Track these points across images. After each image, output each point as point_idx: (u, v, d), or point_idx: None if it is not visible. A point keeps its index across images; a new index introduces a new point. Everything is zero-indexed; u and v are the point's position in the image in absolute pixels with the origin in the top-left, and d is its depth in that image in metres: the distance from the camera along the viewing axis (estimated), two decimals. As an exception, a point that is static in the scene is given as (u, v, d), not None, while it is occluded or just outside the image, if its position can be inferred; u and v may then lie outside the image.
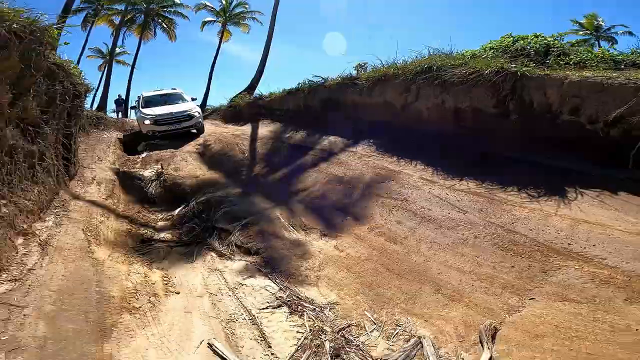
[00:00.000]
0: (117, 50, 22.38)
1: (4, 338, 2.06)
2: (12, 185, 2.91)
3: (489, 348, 2.24)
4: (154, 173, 6.76)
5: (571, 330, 2.25)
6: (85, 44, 21.05)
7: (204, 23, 21.28)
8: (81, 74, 6.15)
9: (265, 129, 9.34)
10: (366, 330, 2.62)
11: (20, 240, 2.79)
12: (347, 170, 5.92)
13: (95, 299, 2.72)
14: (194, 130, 9.78)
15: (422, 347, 2.38)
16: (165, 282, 3.31)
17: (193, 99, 10.66)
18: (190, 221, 5.00)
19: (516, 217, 3.65)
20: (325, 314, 2.79)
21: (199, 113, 9.93)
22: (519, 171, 4.52)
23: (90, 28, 20.48)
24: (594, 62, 5.25)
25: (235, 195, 5.77)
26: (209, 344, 2.41)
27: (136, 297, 2.94)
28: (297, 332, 2.53)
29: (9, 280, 2.48)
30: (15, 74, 3.25)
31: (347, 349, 2.32)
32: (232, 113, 11.73)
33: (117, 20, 20.42)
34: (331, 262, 3.65)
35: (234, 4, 20.44)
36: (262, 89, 12.19)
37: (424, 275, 3.17)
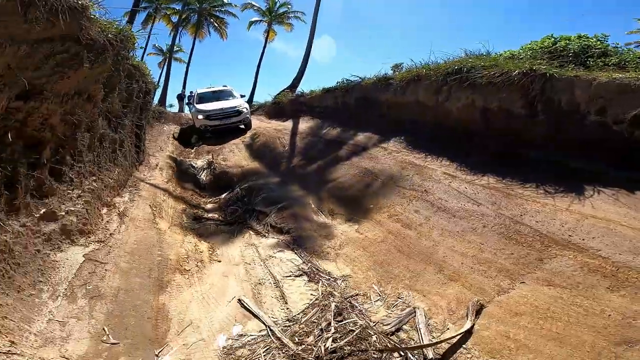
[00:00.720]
0: (175, 48, 24.27)
1: (89, 287, 2.77)
2: (100, 165, 3.73)
3: (471, 320, 2.57)
4: (205, 162, 7.63)
5: (548, 311, 2.50)
6: (147, 42, 23.15)
7: (251, 23, 22.46)
8: (150, 73, 7.11)
9: (305, 125, 9.90)
10: (371, 300, 3.05)
11: (104, 210, 3.60)
12: (375, 164, 6.28)
13: (157, 260, 3.43)
14: (242, 126, 10.48)
15: (415, 315, 2.76)
16: (210, 252, 3.99)
17: (242, 96, 11.48)
18: (234, 204, 5.71)
19: (526, 210, 3.83)
20: (337, 284, 3.26)
21: (247, 109, 10.58)
22: (541, 169, 4.61)
23: (152, 27, 22.44)
24: (633, 64, 5.11)
25: (274, 183, 6.41)
26: (239, 299, 2.99)
27: (187, 261, 3.63)
28: (311, 295, 3.03)
29: (96, 242, 3.25)
30: (107, 75, 4.03)
31: (350, 311, 2.77)
32: (276, 109, 12.48)
33: (174, 19, 22.19)
34: (351, 242, 4.10)
35: (278, 4, 21.26)
36: (304, 87, 12.82)
37: (430, 257, 3.51)
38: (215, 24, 23.73)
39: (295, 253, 3.95)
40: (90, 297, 2.61)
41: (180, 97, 19.06)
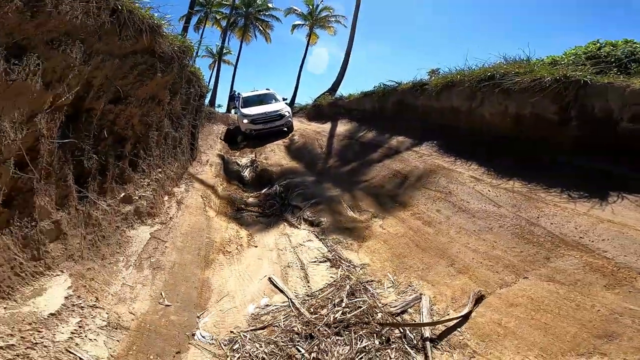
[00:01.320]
0: (223, 50, 25.93)
1: (153, 260, 3.43)
2: (164, 159, 4.49)
3: (469, 307, 2.85)
4: (248, 161, 8.37)
5: (542, 304, 2.71)
6: (199, 45, 24.92)
7: (294, 26, 23.45)
8: (203, 77, 7.98)
9: (343, 127, 10.34)
10: (383, 286, 3.41)
11: (166, 198, 4.33)
12: (406, 166, 6.56)
13: (205, 241, 4.08)
14: (285, 129, 10.97)
15: (420, 301, 3.09)
16: (249, 239, 4.58)
17: (284, 99, 12.15)
18: (272, 199, 6.31)
19: (544, 213, 3.95)
20: (356, 270, 3.67)
21: (289, 112, 11.05)
22: (569, 175, 4.63)
23: (203, 30, 24.22)
24: None
25: (309, 182, 6.93)
26: (269, 278, 3.51)
27: (229, 244, 4.25)
28: (331, 277, 3.47)
29: (159, 223, 3.97)
30: (172, 81, 4.78)
31: (362, 292, 3.17)
32: (316, 112, 13.06)
33: (223, 23, 23.77)
34: (374, 236, 4.48)
35: (319, 8, 21.95)
36: (343, 90, 13.25)
37: (444, 252, 3.79)
38: (261, 28, 25.11)
39: (323, 243, 4.40)
40: (153, 268, 3.28)
41: (232, 98, 20.28)
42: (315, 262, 3.89)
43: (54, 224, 2.26)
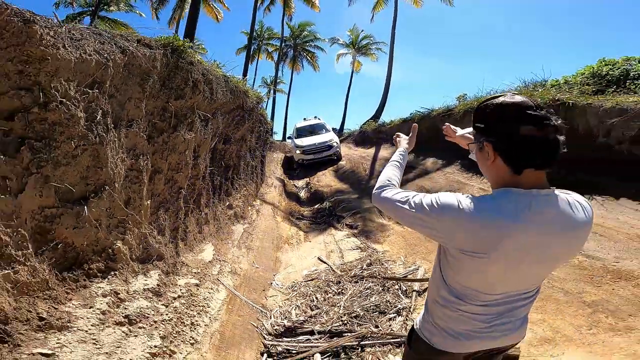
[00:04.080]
0: (277, 81, 29.48)
1: (246, 244, 5.53)
2: (247, 181, 6.72)
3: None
4: (304, 183, 10.51)
5: None
6: (255, 76, 28.89)
7: (338, 56, 26.18)
8: (267, 115, 10.38)
9: (385, 152, 12.09)
10: (395, 263, 5.08)
11: (249, 208, 6.51)
12: (432, 182, 8.12)
13: (276, 235, 6.13)
14: (334, 158, 12.27)
15: (417, 270, 4.72)
16: (305, 236, 6.54)
17: (334, 129, 14.18)
18: (323, 212, 8.25)
19: (522, 213, 5.35)
20: (377, 253, 5.39)
21: (337, 143, 12.38)
22: (556, 183, 5.88)
23: (257, 62, 27.93)
24: None
25: (353, 198, 8.78)
26: (318, 257, 5.39)
27: (291, 239, 6.24)
28: (359, 256, 5.25)
29: (247, 223, 6.12)
30: (252, 125, 7.06)
31: (377, 264, 4.90)
32: (361, 138, 14.97)
33: (275, 55, 27.34)
34: (396, 234, 6.14)
35: (360, 36, 24.28)
36: (390, 112, 14.97)
37: (442, 243, 5.37)
38: (308, 58, 28.20)
39: (357, 239, 6.19)
40: (247, 248, 5.37)
41: None
42: (349, 249, 5.69)
43: (206, 214, 4.41)
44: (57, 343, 2.05)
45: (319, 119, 14.49)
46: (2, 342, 1.79)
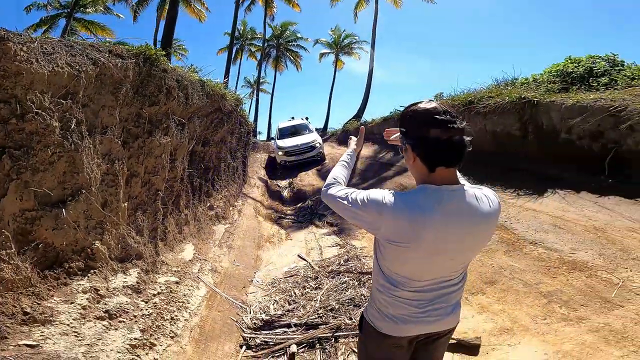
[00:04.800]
0: (261, 80, 29.63)
1: (227, 243, 5.70)
2: (228, 182, 6.88)
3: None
4: (287, 183, 10.71)
5: None
6: (238, 76, 29.05)
7: (321, 55, 26.49)
8: (248, 117, 10.53)
9: (366, 150, 12.35)
10: (372, 259, 5.35)
11: (231, 208, 6.68)
12: (410, 180, 8.39)
13: (257, 234, 6.31)
14: (318, 159, 12.20)
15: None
16: (286, 235, 6.74)
17: (317, 129, 14.36)
18: (305, 210, 8.47)
19: (491, 207, 5.66)
20: (356, 250, 5.63)
21: (320, 144, 12.25)
22: (525, 178, 6.24)
23: (240, 62, 28.08)
24: (624, 82, 6.32)
25: (335, 197, 9.02)
26: (298, 255, 5.60)
27: (273, 237, 6.44)
28: (338, 253, 5.48)
29: (229, 223, 6.28)
30: (232, 126, 7.22)
31: (354, 260, 5.13)
32: (344, 137, 15.22)
33: (258, 55, 27.56)
34: (373, 231, 6.41)
35: (343, 36, 24.68)
36: (374, 109, 15.23)
37: (417, 237, 5.65)
38: (291, 57, 28.47)
39: (337, 236, 6.43)
40: (228, 247, 5.54)
41: None
42: (329, 246, 5.92)
43: (186, 215, 4.57)
44: (40, 335, 2.21)
45: (302, 119, 14.47)
46: None
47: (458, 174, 1.44)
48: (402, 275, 1.34)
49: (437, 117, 1.21)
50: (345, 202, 1.41)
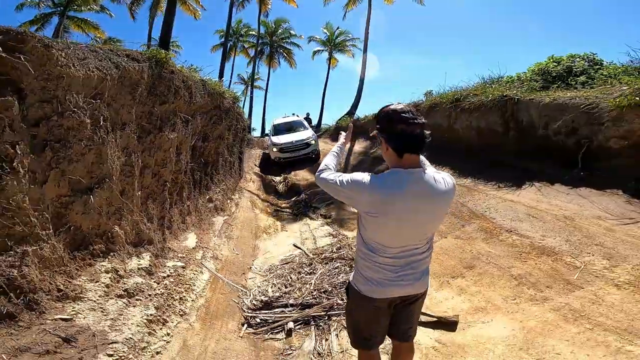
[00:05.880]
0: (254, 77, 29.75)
1: (226, 233, 6.05)
2: (225, 176, 7.20)
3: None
4: (282, 177, 11.04)
5: (447, 251, 4.79)
6: (232, 73, 29.11)
7: (314, 53, 26.79)
8: (244, 112, 10.83)
9: (359, 146, 12.76)
10: (363, 246, 5.75)
11: (228, 201, 7.01)
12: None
13: (254, 226, 6.66)
14: (312, 156, 12.27)
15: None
16: (282, 226, 7.10)
17: (311, 125, 14.63)
18: (299, 204, 8.83)
19: (473, 198, 6.09)
20: (347, 239, 6.02)
21: (315, 141, 12.26)
22: (505, 171, 6.68)
23: (233, 59, 28.20)
24: (600, 80, 6.76)
25: (328, 190, 9.41)
26: (293, 244, 5.97)
27: (269, 228, 6.79)
28: (331, 242, 5.87)
29: (227, 215, 6.62)
30: (229, 123, 7.54)
31: (347, 249, 5.52)
32: (337, 133, 15.53)
33: (251, 52, 27.70)
34: (364, 222, 6.81)
35: (336, 33, 25.00)
36: (369, 103, 15.61)
37: (405, 227, 6.06)
38: (285, 55, 28.68)
39: (330, 227, 6.81)
40: (227, 237, 5.89)
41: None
42: (322, 236, 6.31)
43: (188, 206, 4.90)
44: (72, 310, 2.55)
45: (297, 116, 14.53)
46: (31, 310, 2.27)
47: (427, 162, 1.83)
48: (378, 242, 1.72)
49: (403, 115, 1.60)
50: (334, 183, 1.79)
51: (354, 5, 21.33)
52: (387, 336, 2.09)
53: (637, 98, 5.03)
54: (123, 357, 2.52)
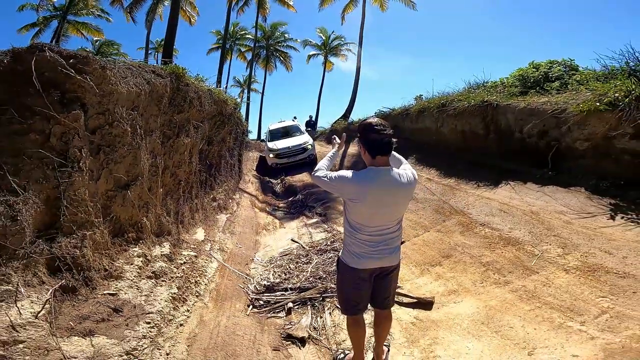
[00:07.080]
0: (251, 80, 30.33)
1: (230, 229, 6.66)
2: (227, 178, 7.82)
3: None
4: (279, 179, 11.67)
5: (428, 243, 5.47)
6: (228, 76, 29.65)
7: (309, 57, 27.59)
8: (243, 118, 11.45)
9: (353, 148, 13.41)
10: (355, 240, 6.39)
11: (230, 200, 7.62)
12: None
13: (255, 223, 7.28)
14: (308, 161, 12.35)
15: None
16: (280, 224, 7.73)
17: (316, 130, 15.06)
18: (296, 203, 9.46)
19: (455, 196, 6.77)
20: (340, 234, 6.66)
21: (312, 145, 12.43)
22: (486, 172, 7.37)
23: (230, 62, 28.82)
24: (573, 86, 7.41)
25: (323, 191, 10.00)
26: (291, 239, 6.60)
27: (268, 226, 7.42)
28: (325, 236, 6.51)
29: (230, 213, 7.23)
30: (231, 128, 8.16)
31: (339, 242, 6.17)
32: (331, 136, 16.21)
33: (248, 55, 28.31)
34: (356, 219, 7.46)
35: (332, 38, 25.73)
36: (359, 110, 16.25)
37: (393, 223, 6.72)
38: (281, 58, 29.31)
39: (325, 224, 7.45)
40: (230, 233, 6.50)
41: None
42: (318, 232, 6.94)
43: (196, 203, 5.51)
44: (115, 287, 3.16)
45: (293, 121, 15.03)
46: (87, 285, 2.87)
47: (403, 159, 2.48)
48: (359, 222, 2.36)
49: (375, 127, 2.23)
50: (325, 179, 2.42)
51: (350, 9, 22.05)
52: (370, 306, 2.71)
53: (598, 103, 5.68)
54: (157, 325, 3.14)
